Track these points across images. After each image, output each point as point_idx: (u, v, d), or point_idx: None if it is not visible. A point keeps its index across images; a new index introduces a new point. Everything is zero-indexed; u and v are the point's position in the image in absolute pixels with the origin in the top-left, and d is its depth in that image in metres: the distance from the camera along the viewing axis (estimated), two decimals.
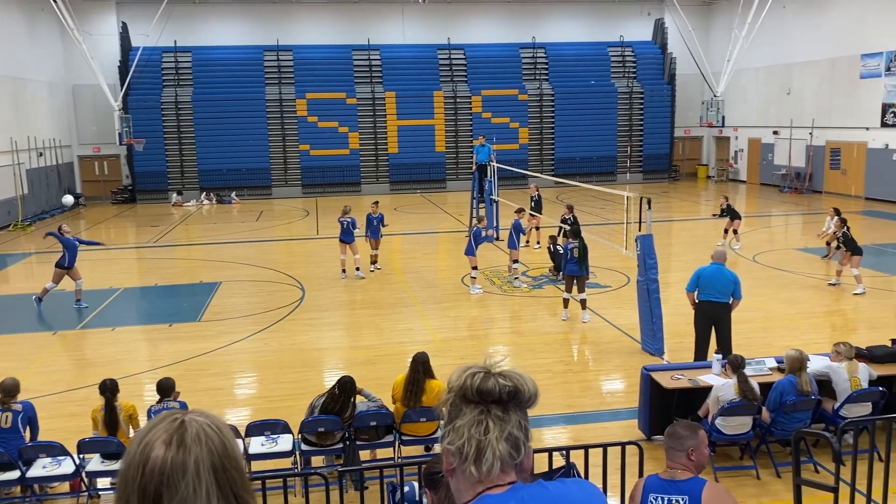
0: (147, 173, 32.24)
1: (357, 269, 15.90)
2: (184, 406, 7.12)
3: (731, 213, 18.12)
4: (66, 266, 13.78)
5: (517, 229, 15.03)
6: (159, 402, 7.04)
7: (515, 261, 15.12)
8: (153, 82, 32.55)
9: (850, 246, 14.03)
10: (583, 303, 12.20)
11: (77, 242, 14.18)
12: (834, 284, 14.23)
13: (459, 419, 1.49)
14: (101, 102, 29.82)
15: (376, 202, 17.06)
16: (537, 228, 18.82)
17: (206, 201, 31.35)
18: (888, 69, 26.04)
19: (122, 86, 30.51)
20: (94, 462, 6.74)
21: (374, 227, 16.26)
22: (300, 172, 33.49)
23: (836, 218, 15.72)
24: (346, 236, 15.67)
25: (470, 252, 14.37)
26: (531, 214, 18.09)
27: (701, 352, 9.43)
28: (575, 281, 12.09)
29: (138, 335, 12.51)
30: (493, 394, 1.47)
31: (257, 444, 6.85)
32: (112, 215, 28.48)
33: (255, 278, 16.21)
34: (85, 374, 10.27)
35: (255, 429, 6.91)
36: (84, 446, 6.68)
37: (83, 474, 6.69)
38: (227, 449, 1.31)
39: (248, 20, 33.89)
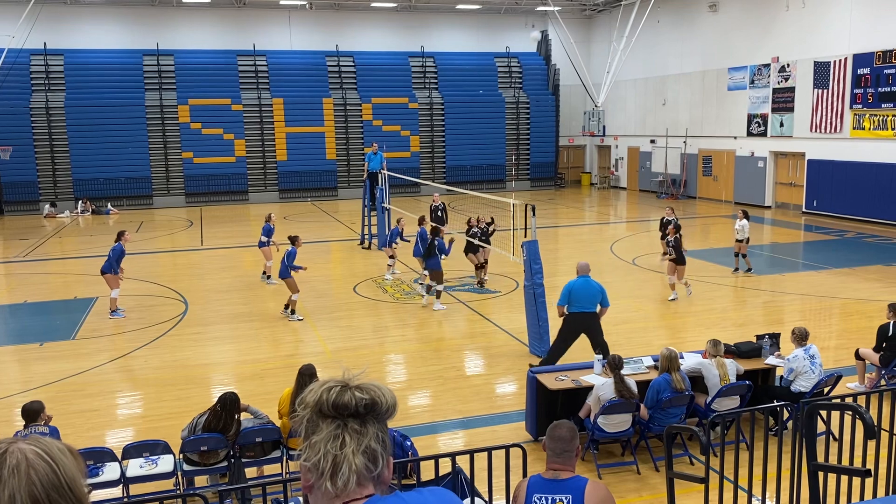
0: (15, 183, 30.22)
1: (266, 274, 16.39)
2: (54, 431, 6.71)
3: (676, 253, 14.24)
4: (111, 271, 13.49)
5: (422, 238, 15.03)
6: (25, 427, 6.59)
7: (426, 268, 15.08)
8: (21, 86, 30.56)
9: (676, 253, 13.88)
10: (438, 293, 13.57)
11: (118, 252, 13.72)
12: (674, 299, 13.96)
13: (316, 435, 1.47)
14: None
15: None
16: None
17: (82, 208, 29.71)
18: (752, 82, 27.91)
19: None
20: None
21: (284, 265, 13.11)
22: (183, 181, 32.32)
23: (744, 219, 15.81)
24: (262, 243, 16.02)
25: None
26: (432, 224, 18.08)
27: (555, 357, 9.51)
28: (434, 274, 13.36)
29: (6, 356, 11.68)
30: (350, 407, 1.46)
31: (135, 467, 6.53)
32: None
33: (134, 292, 15.47)
34: None
35: (133, 450, 6.59)
36: None
37: None
38: (59, 479, 1.24)
39: (126, 23, 32.36)
